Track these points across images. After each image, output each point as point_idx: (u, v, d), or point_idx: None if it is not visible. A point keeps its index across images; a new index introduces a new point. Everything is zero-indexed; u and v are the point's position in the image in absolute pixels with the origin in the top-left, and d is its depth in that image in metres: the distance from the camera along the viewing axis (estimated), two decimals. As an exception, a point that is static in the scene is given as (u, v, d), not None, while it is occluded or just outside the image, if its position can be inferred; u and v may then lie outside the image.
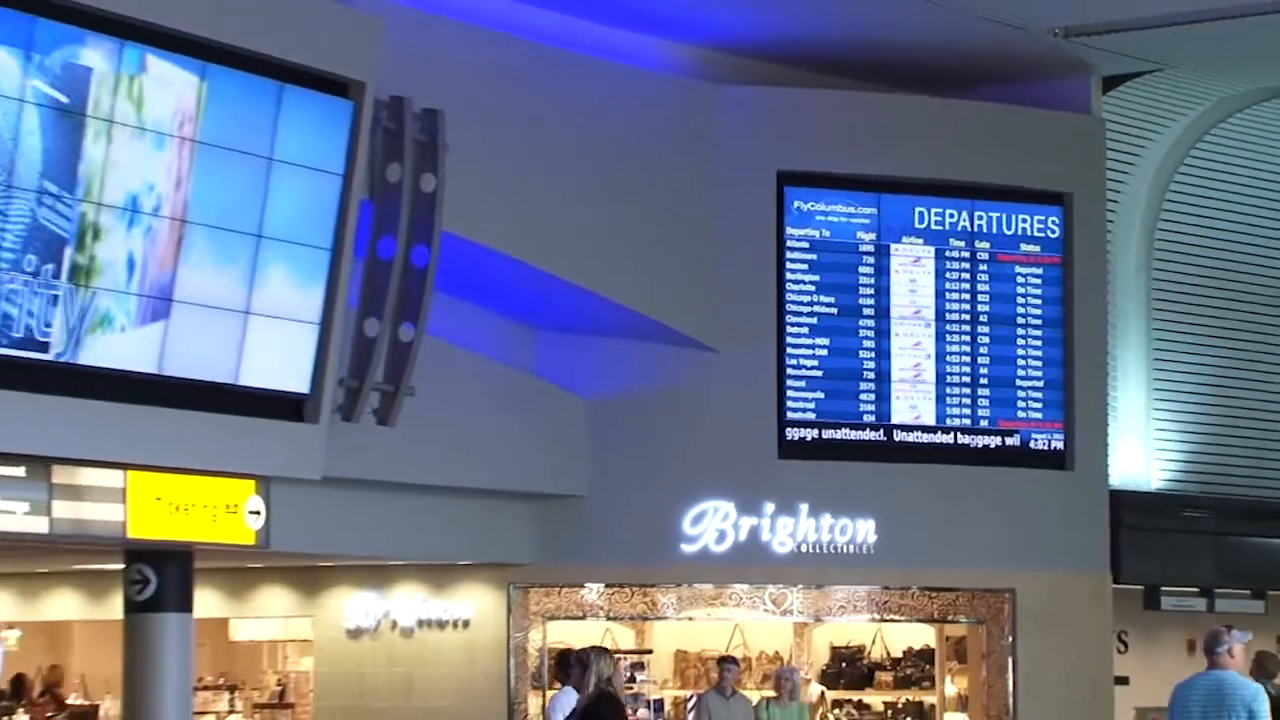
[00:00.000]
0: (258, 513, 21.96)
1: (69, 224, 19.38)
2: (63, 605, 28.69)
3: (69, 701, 28.68)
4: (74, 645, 29.81)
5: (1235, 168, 29.05)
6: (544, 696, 26.89)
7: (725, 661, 22.86)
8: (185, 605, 23.01)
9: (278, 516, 22.13)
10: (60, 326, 19.40)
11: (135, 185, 19.74)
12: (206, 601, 25.15)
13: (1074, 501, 26.18)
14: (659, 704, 27.13)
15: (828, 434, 25.79)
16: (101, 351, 19.67)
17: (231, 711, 29.16)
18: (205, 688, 27.68)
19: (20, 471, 19.85)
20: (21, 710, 28.19)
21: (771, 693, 23.07)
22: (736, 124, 25.55)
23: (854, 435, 25.85)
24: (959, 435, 25.98)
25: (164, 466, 20.96)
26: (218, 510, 21.74)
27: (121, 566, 22.87)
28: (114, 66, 19.48)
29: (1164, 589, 28.32)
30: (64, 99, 19.09)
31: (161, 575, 22.59)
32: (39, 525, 20.24)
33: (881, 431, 26.00)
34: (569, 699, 21.60)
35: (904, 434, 25.99)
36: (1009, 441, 26.10)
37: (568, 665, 22.05)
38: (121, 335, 19.91)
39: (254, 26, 20.47)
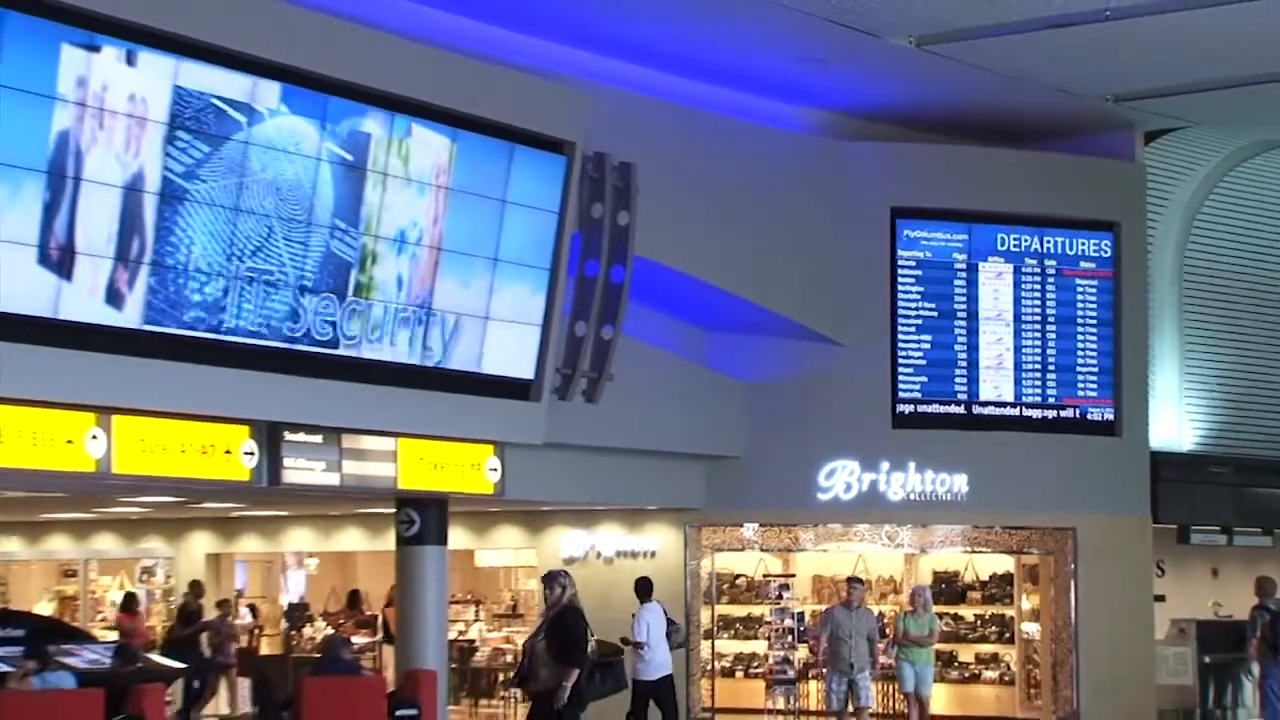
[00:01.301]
0: (495, 469, 22.09)
1: (353, 252, 19.59)
2: (350, 539, 28.66)
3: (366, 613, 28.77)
4: (358, 570, 29.82)
5: (1248, 202, 28.53)
6: (712, 610, 26.81)
7: (853, 581, 22.53)
8: (441, 539, 23.17)
9: (510, 472, 22.19)
10: (346, 329, 19.65)
11: (403, 222, 19.88)
12: (457, 536, 24.98)
13: (1121, 460, 25.85)
14: (800, 615, 26.48)
15: (930, 409, 25.46)
16: (382, 349, 19.85)
17: (476, 620, 28.96)
18: (456, 601, 27.47)
19: (319, 439, 20.15)
20: (343, 618, 28.22)
21: (908, 607, 22.68)
22: (859, 171, 25.26)
23: (950, 410, 25.49)
24: (1031, 409, 25.58)
25: (425, 435, 21.13)
26: (465, 468, 21.90)
27: (393, 510, 23.02)
28: (387, 132, 19.64)
29: (1193, 528, 27.89)
30: (349, 157, 19.30)
31: (424, 517, 22.79)
32: (332, 479, 20.55)
33: (971, 407, 25.61)
34: (651, 613, 21.99)
35: (988, 409, 25.55)
36: (1070, 414, 25.69)
37: (648, 586, 22.46)
38: (394, 337, 20.05)
39: (492, 100, 20.45)
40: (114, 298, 17.64)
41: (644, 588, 22.45)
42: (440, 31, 21.07)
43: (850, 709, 21.47)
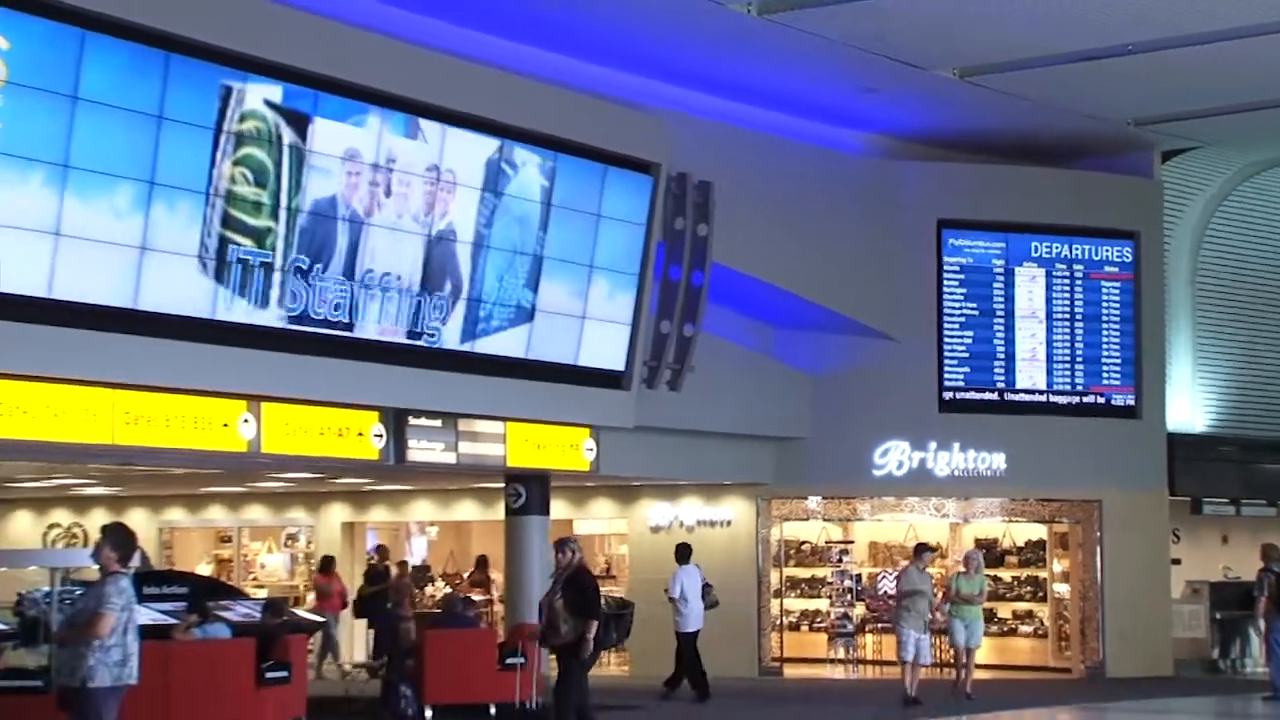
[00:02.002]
0: (591, 449, 22.16)
1: (473, 262, 19.62)
2: (465, 510, 28.55)
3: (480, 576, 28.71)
4: (472, 537, 29.87)
5: (1254, 213, 28.44)
6: (780, 572, 26.88)
7: (922, 547, 22.13)
8: (544, 510, 23.32)
9: (604, 452, 22.28)
10: (463, 328, 19.71)
11: (517, 236, 19.92)
12: (558, 508, 24.96)
13: (1141, 441, 25.71)
14: (857, 576, 26.93)
15: (972, 396, 25.36)
16: (491, 344, 19.92)
17: None
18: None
19: (439, 424, 20.26)
20: (458, 579, 28.19)
21: (962, 569, 22.53)
22: (908, 187, 25.18)
23: (990, 397, 25.40)
24: (1061, 396, 25.42)
25: (530, 419, 21.15)
26: (565, 448, 21.95)
27: (503, 485, 23.14)
28: (497, 155, 19.60)
29: (1204, 500, 27.86)
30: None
31: (529, 490, 22.94)
32: (450, 458, 20.67)
33: (1008, 394, 25.49)
34: (687, 574, 22.30)
35: (1023, 396, 25.45)
36: (1096, 400, 25.55)
37: (687, 550, 22.81)
38: (502, 334, 20.12)
39: (588, 127, 20.45)
40: (265, 301, 17.72)
41: (683, 552, 22.86)
42: (543, 67, 21.10)
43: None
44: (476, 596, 26.32)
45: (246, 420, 18.23)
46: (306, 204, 17.94)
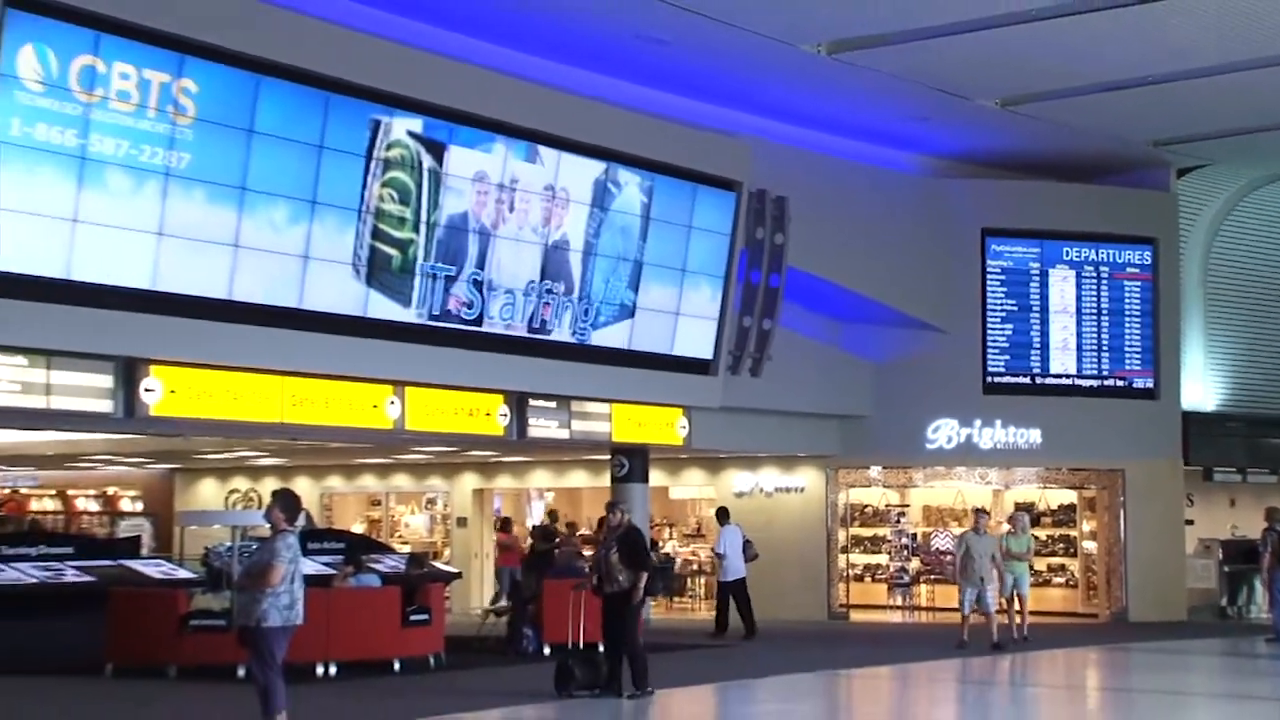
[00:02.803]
0: (684, 426, 22.18)
1: (584, 268, 19.81)
2: (576, 478, 28.52)
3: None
4: (583, 501, 29.67)
5: (1257, 222, 28.13)
6: (846, 531, 26.71)
7: (980, 511, 21.76)
8: (644, 479, 23.45)
9: (695, 428, 22.33)
10: (575, 323, 19.87)
11: (620, 245, 20.31)
12: (656, 476, 24.93)
13: (1159, 418, 25.55)
14: (913, 535, 26.89)
15: (1011, 380, 25.24)
16: (598, 337, 20.06)
17: (670, 539, 28.99)
18: (655, 525, 27.41)
19: (554, 405, 20.44)
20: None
21: (1010, 529, 22.01)
22: (957, 201, 25.08)
23: (1026, 380, 25.26)
24: (1089, 380, 25.28)
25: (631, 400, 21.29)
26: (661, 425, 22.05)
27: (609, 456, 23.24)
28: (604, 176, 19.78)
29: (1215, 469, 27.62)
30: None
31: (631, 461, 23.03)
32: (563, 434, 20.85)
33: (1043, 378, 25.35)
34: (729, 533, 22.31)
35: (1056, 380, 25.31)
36: (1119, 383, 25.41)
37: (726, 513, 22.83)
38: (608, 328, 20.24)
39: (681, 152, 20.59)
40: (407, 301, 17.92)
41: (722, 514, 22.92)
42: (643, 101, 21.19)
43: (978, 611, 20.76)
44: (589, 552, 26.29)
45: (392, 402, 18.42)
46: (443, 219, 18.10)
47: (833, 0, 18.43)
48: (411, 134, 17.49)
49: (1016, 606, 21.19)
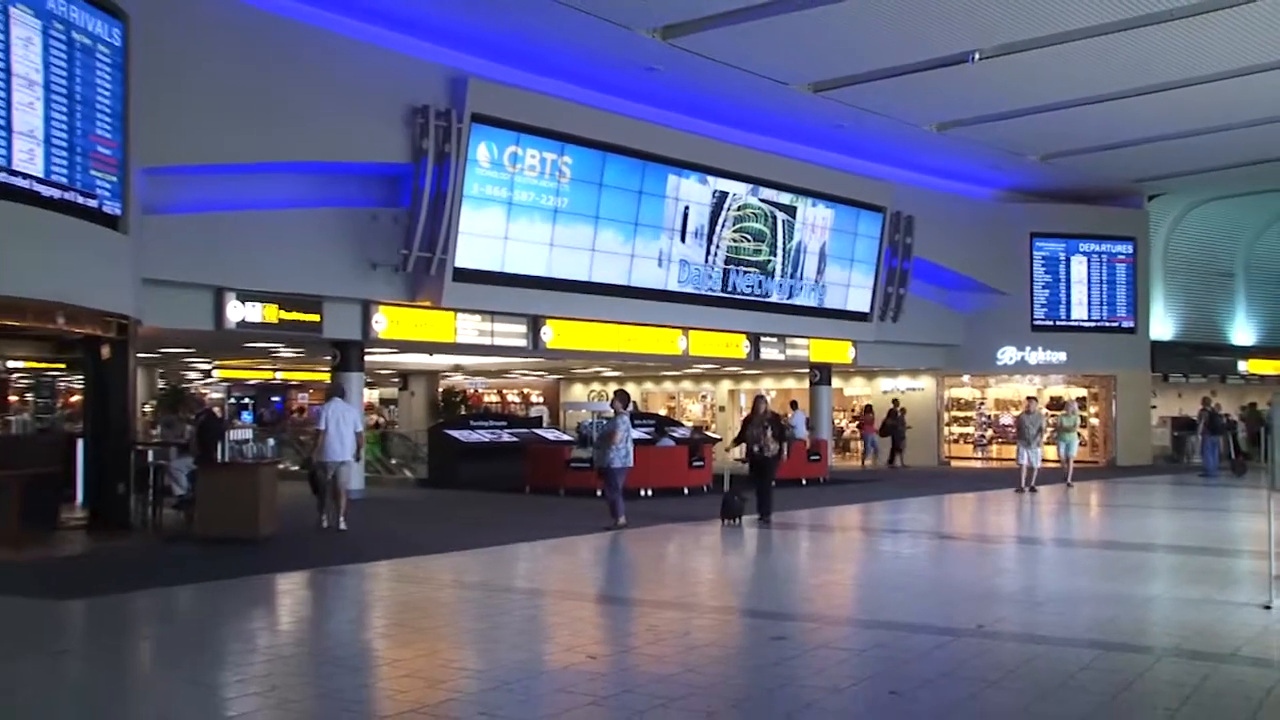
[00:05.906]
0: (852, 352, 22.40)
1: (791, 256, 19.57)
2: (788, 383, 26.67)
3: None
4: (787, 398, 24.83)
5: (1198, 227, 27.61)
6: (949, 413, 25.71)
7: (1030, 399, 19.07)
8: (828, 383, 23.47)
9: (859, 353, 22.50)
10: (788, 292, 19.86)
11: (811, 244, 19.76)
12: (836, 382, 25.04)
13: (1137, 345, 25.19)
14: (988, 416, 26.30)
15: (1048, 322, 24.80)
16: (800, 299, 20.00)
17: (842, 420, 27.19)
18: (836, 411, 26.12)
19: (775, 339, 20.45)
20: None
21: (1062, 411, 20.36)
22: (1015, 217, 24.51)
23: (1060, 321, 24.87)
24: (1094, 322, 24.98)
25: (819, 337, 21.30)
26: (838, 350, 22.24)
27: (807, 370, 23.20)
28: (807, 205, 19.86)
29: (1169, 375, 27.28)
30: (793, 218, 19.57)
31: (821, 373, 23.00)
32: (781, 357, 20.99)
33: (1065, 323, 24.89)
34: (799, 416, 20.51)
35: (1074, 322, 24.88)
36: (1113, 324, 25.16)
37: (795, 404, 21.24)
38: (806, 293, 20.06)
39: (849, 190, 20.44)
40: (685, 279, 17.52)
41: (793, 405, 21.20)
42: (825, 160, 20.48)
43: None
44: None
45: (682, 340, 18.61)
46: (791, 247, 18.28)
47: (941, 97, 17.37)
48: (757, 197, 17.80)
49: (1067, 465, 19.24)
